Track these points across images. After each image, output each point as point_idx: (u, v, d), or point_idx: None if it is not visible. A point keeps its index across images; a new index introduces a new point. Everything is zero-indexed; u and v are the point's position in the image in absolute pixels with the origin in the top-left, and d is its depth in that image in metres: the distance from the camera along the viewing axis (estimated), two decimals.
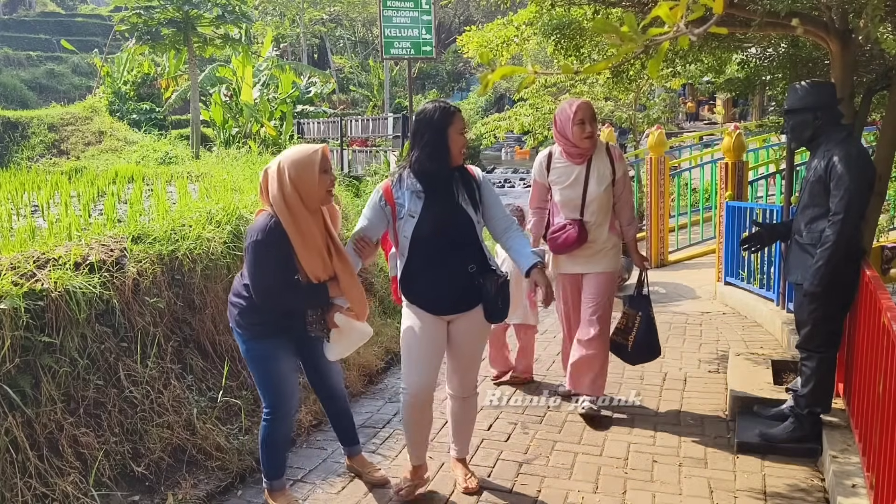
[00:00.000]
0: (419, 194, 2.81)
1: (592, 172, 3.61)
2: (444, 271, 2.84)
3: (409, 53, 9.22)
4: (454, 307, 2.90)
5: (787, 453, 3.30)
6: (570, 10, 4.30)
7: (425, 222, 2.79)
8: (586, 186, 3.61)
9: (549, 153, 3.74)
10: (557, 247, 3.69)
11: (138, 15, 12.60)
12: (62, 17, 34.65)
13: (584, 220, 3.63)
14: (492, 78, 1.09)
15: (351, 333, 2.89)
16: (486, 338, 3.08)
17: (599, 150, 3.65)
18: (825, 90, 3.19)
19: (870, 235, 3.75)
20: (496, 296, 2.86)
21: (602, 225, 3.66)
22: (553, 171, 3.71)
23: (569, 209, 3.67)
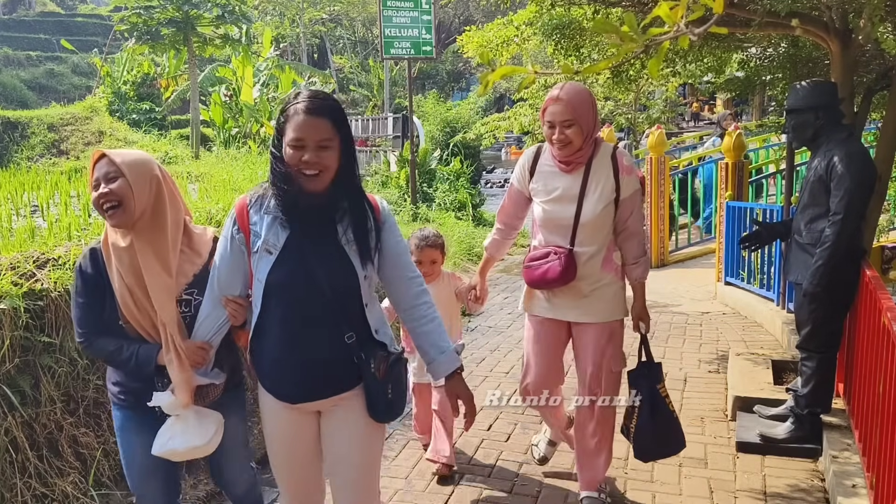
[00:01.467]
0: (283, 223, 1.91)
1: (590, 185, 2.65)
2: (308, 338, 1.92)
3: (409, 53, 9.21)
4: (313, 390, 1.96)
5: (788, 453, 3.30)
6: (570, 9, 4.30)
7: (286, 263, 1.89)
8: (581, 203, 2.65)
9: (538, 151, 2.80)
10: (534, 280, 2.74)
11: (138, 15, 12.59)
12: (62, 16, 34.64)
13: (575, 249, 2.68)
14: (492, 78, 1.09)
15: (186, 431, 2.03)
16: (374, 443, 2.06)
17: (603, 157, 2.68)
18: (826, 90, 3.19)
19: (870, 235, 3.75)
20: (384, 382, 1.96)
21: (595, 257, 2.70)
22: (537, 177, 2.76)
23: (554, 232, 2.72)
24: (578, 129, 2.58)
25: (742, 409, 3.68)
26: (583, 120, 2.58)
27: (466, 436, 3.63)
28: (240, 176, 6.44)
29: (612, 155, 2.68)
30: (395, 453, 3.52)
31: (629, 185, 2.68)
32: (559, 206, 2.69)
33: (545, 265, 2.69)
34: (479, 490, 3.12)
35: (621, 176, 2.66)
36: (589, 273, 2.70)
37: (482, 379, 4.40)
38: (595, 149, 2.68)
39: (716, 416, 3.81)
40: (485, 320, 5.88)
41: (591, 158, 2.67)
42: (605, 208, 2.65)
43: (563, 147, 2.61)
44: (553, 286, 2.72)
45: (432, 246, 3.19)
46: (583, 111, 2.58)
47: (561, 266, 2.65)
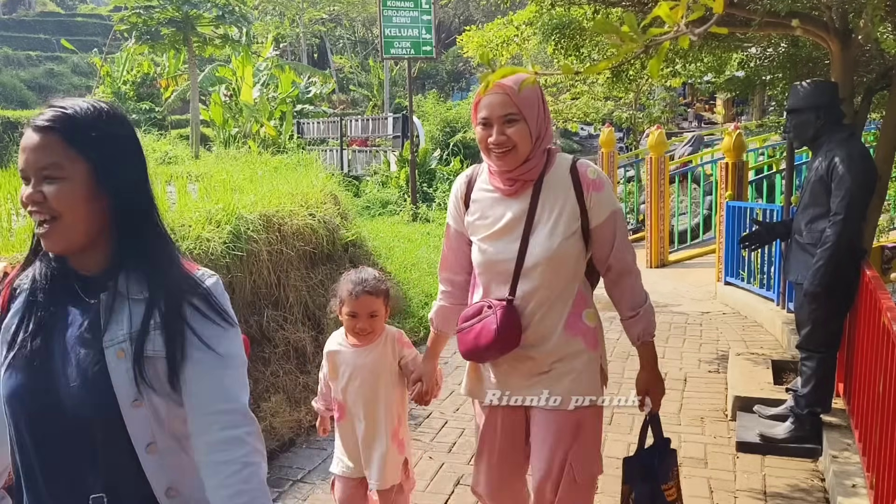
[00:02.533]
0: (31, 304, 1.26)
1: (541, 211, 1.93)
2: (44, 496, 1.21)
3: (409, 53, 9.21)
4: None
5: (788, 453, 3.30)
6: (570, 9, 4.30)
7: (16, 377, 1.20)
8: (526, 236, 1.92)
9: (473, 172, 2.08)
10: (467, 349, 2.01)
11: (138, 15, 12.59)
12: (62, 16, 34.62)
13: (517, 300, 1.94)
14: (492, 78, 1.09)
15: None
16: None
17: (558, 172, 1.95)
18: (827, 90, 3.20)
19: (870, 235, 3.75)
20: None
21: (552, 314, 1.96)
22: (474, 207, 2.02)
23: (492, 278, 1.99)
24: (524, 129, 1.86)
25: (742, 409, 3.68)
26: (531, 116, 1.87)
27: (466, 436, 3.63)
28: (240, 176, 6.43)
29: (571, 168, 1.94)
30: None
31: (602, 206, 1.92)
32: (500, 242, 1.94)
33: (477, 325, 1.94)
34: None
35: (587, 195, 1.91)
36: (544, 337, 1.96)
37: None
38: (548, 162, 1.94)
39: (716, 416, 3.81)
40: None
41: (543, 175, 1.92)
42: (564, 242, 1.90)
43: (503, 155, 1.87)
44: (491, 355, 1.97)
45: (371, 293, 2.34)
46: (531, 104, 1.87)
47: (496, 324, 1.89)
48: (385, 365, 2.41)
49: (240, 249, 3.95)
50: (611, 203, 1.96)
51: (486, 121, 1.89)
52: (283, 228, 4.42)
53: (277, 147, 13.40)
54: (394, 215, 9.32)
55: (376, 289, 2.37)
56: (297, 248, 4.52)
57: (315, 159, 8.47)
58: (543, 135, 1.94)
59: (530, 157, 1.91)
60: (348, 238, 5.24)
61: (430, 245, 7.47)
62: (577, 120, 11.37)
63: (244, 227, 4.05)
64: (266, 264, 4.17)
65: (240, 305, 3.97)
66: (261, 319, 4.08)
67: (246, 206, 4.36)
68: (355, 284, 2.36)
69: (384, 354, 2.41)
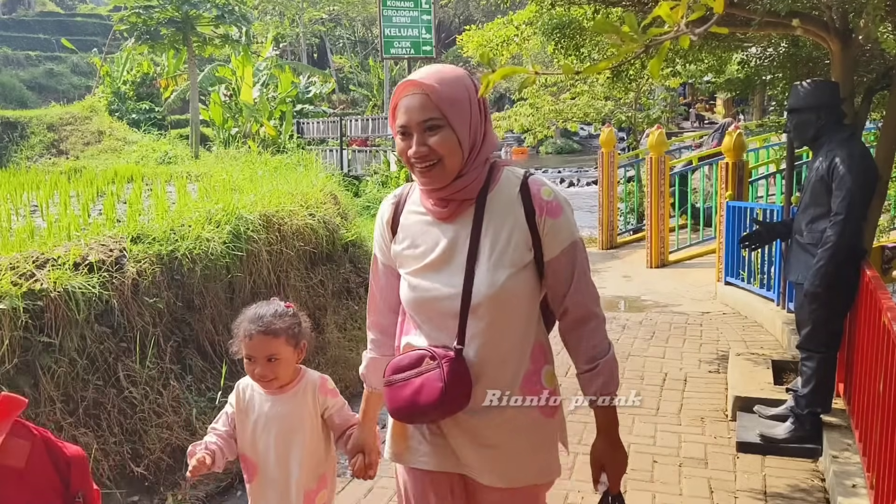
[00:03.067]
0: None
1: (486, 237, 1.57)
2: None
3: (408, 53, 9.22)
4: None
5: (788, 453, 3.30)
6: (570, 9, 4.30)
7: None
8: (471, 268, 1.55)
9: (402, 193, 1.71)
10: (400, 407, 1.61)
11: (137, 14, 12.60)
12: (61, 16, 34.61)
13: (465, 349, 1.57)
14: (492, 79, 1.09)
15: None
16: None
17: (505, 190, 1.59)
18: (828, 90, 3.20)
19: (870, 235, 3.74)
20: None
21: (507, 366, 1.61)
22: (402, 233, 1.66)
23: (432, 322, 1.61)
24: (451, 138, 1.51)
25: (742, 409, 3.67)
26: (458, 121, 1.52)
27: None
28: (239, 176, 6.43)
29: (521, 186, 1.58)
30: None
31: (558, 235, 1.56)
32: (434, 276, 1.57)
33: (417, 380, 1.56)
34: None
35: (540, 219, 1.55)
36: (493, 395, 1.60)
37: None
38: (492, 177, 1.59)
39: (716, 416, 3.81)
40: None
41: (486, 193, 1.57)
42: (513, 277, 1.54)
43: (427, 171, 1.52)
44: (431, 417, 1.59)
45: (268, 332, 1.94)
46: (458, 106, 1.52)
47: (443, 381, 1.53)
48: (303, 417, 2.01)
49: (239, 249, 3.95)
50: (569, 232, 1.58)
51: (405, 129, 1.54)
52: (282, 228, 4.42)
53: (277, 147, 13.40)
54: None
55: (273, 328, 1.95)
56: (297, 247, 4.52)
57: (315, 159, 8.48)
58: (480, 143, 1.57)
59: (464, 172, 1.55)
60: (348, 238, 5.24)
61: None
62: (577, 120, 11.37)
63: (244, 227, 4.05)
64: (266, 264, 4.17)
65: (239, 305, 3.97)
66: None
67: (246, 205, 4.36)
68: (250, 322, 1.98)
69: (302, 405, 2.02)
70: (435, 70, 1.57)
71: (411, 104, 1.53)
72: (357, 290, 5.13)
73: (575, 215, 1.64)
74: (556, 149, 26.84)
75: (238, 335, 2.00)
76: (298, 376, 2.06)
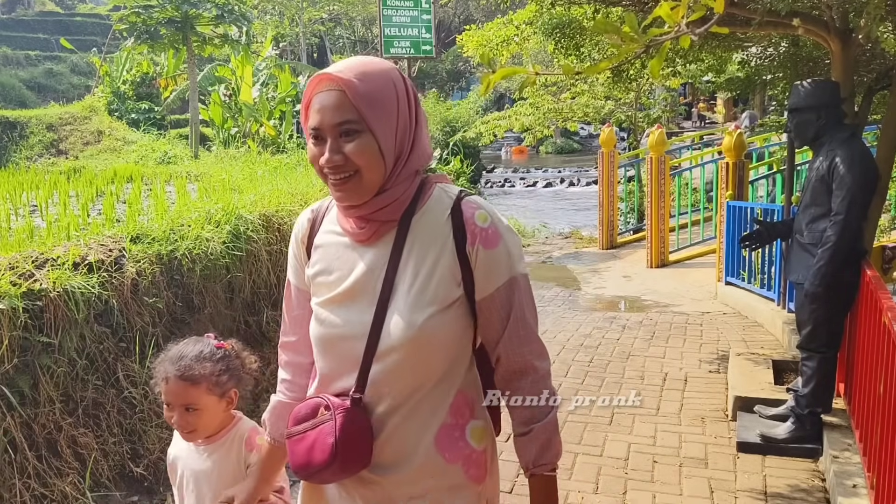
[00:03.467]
0: None
1: (404, 269, 1.32)
2: None
3: (408, 52, 9.22)
4: None
5: (788, 453, 3.30)
6: (570, 9, 4.30)
7: None
8: (384, 304, 1.31)
9: (320, 209, 1.47)
10: (296, 464, 1.38)
11: (137, 14, 12.59)
12: (61, 16, 34.61)
13: (367, 399, 1.33)
14: (493, 79, 1.09)
15: None
16: None
17: (433, 213, 1.34)
18: (829, 89, 3.19)
19: (871, 235, 3.74)
20: None
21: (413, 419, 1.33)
22: (317, 254, 1.41)
23: (334, 362, 1.37)
24: (370, 145, 1.26)
25: (742, 409, 3.67)
26: (382, 125, 1.26)
27: None
28: (239, 176, 6.43)
29: (452, 207, 1.32)
30: None
31: (494, 269, 1.30)
32: (346, 310, 1.33)
33: (311, 433, 1.33)
34: None
35: (471, 248, 1.30)
36: (402, 456, 1.33)
37: None
38: (421, 194, 1.33)
39: (716, 416, 3.80)
40: None
41: (412, 213, 1.32)
42: (436, 317, 1.28)
43: (342, 183, 1.28)
44: (329, 477, 1.34)
45: (186, 378, 1.68)
46: (382, 106, 1.27)
47: (335, 435, 1.29)
48: (227, 473, 1.74)
49: (239, 249, 3.94)
50: (507, 267, 1.31)
51: (317, 132, 1.28)
52: (282, 228, 4.42)
53: (277, 147, 13.40)
54: None
55: (192, 374, 1.67)
56: None
57: None
58: (408, 152, 1.31)
59: (387, 187, 1.29)
60: None
61: None
62: (577, 119, 11.37)
63: (244, 227, 4.04)
64: (266, 264, 4.17)
65: (239, 305, 3.97)
66: (260, 319, 4.08)
67: (245, 205, 4.35)
68: (170, 363, 1.70)
69: (225, 459, 1.75)
70: (356, 62, 1.31)
71: (325, 102, 1.26)
72: None
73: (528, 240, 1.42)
74: (556, 148, 26.86)
75: (156, 375, 1.73)
76: (230, 425, 1.78)
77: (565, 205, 16.29)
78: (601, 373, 4.44)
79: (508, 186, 19.92)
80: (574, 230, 10.82)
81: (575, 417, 3.84)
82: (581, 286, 6.89)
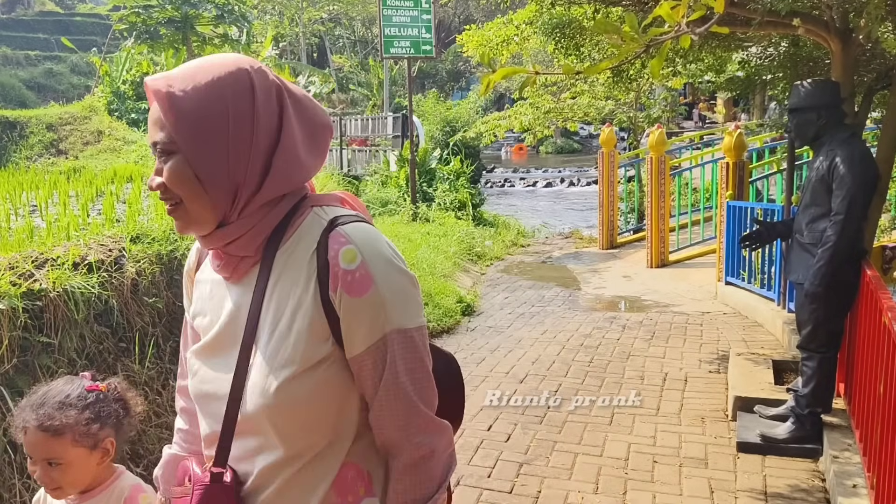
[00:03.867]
0: None
1: (265, 318, 1.06)
2: None
3: (408, 52, 9.21)
4: None
5: (788, 453, 3.30)
6: (570, 9, 4.29)
7: None
8: (246, 358, 1.06)
9: None
10: None
11: (137, 14, 12.61)
12: (61, 16, 34.60)
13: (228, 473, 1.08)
14: (493, 79, 1.09)
15: None
16: None
17: (301, 245, 1.07)
18: (829, 89, 3.19)
19: (871, 235, 3.74)
20: None
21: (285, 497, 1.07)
22: (196, 291, 1.20)
23: (204, 424, 1.14)
24: (183, 172, 1.03)
25: (742, 409, 3.67)
26: (197, 147, 1.03)
27: (466, 436, 3.63)
28: None
29: (319, 239, 1.06)
30: None
31: (360, 321, 1.04)
32: (214, 361, 1.13)
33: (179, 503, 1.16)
34: (479, 490, 3.11)
35: (333, 294, 1.03)
36: None
37: (482, 379, 4.40)
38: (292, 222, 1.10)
39: (716, 416, 3.80)
40: (485, 320, 5.87)
41: (276, 246, 1.08)
42: (297, 379, 1.03)
43: (171, 212, 1.08)
44: None
45: (47, 430, 1.45)
46: (201, 125, 1.02)
47: None
48: None
49: None
50: (380, 321, 1.03)
51: (155, 144, 1.08)
52: None
53: None
54: (393, 215, 9.32)
55: (53, 424, 1.42)
56: None
57: None
58: (255, 179, 1.04)
59: (230, 220, 1.06)
60: None
61: (430, 245, 7.47)
62: (577, 119, 11.37)
63: None
64: None
65: None
66: None
67: None
68: (30, 410, 1.47)
69: None
70: (188, 67, 1.06)
71: (150, 115, 1.07)
72: None
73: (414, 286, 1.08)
74: (556, 148, 26.87)
75: (15, 424, 1.48)
76: (108, 480, 1.54)
77: (565, 205, 16.30)
78: (601, 373, 4.44)
79: (508, 186, 19.94)
80: (574, 230, 10.82)
81: (575, 417, 3.84)
82: (581, 286, 6.89)
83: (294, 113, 1.08)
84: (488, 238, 9.14)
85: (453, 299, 6.03)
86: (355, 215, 1.12)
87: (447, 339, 5.42)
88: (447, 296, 6.04)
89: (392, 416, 1.06)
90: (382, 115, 16.79)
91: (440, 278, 6.50)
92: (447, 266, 7.01)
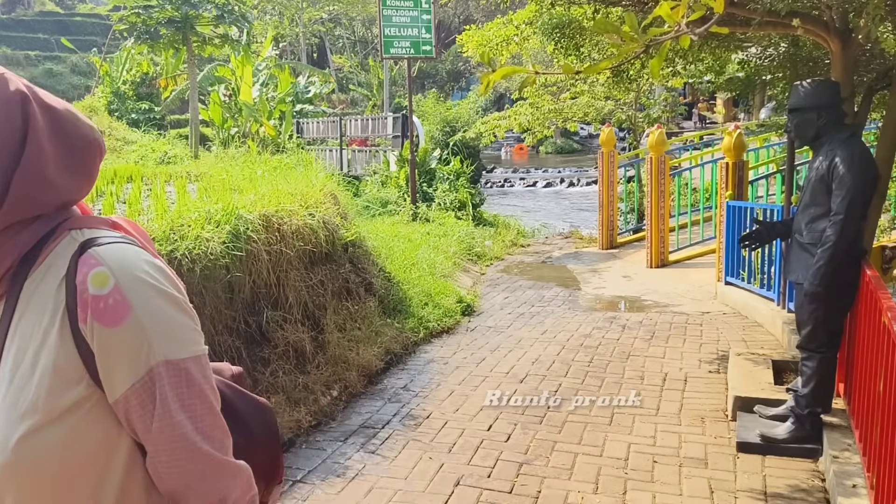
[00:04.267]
0: None
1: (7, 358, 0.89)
2: None
3: (408, 53, 9.21)
4: None
5: (788, 453, 3.30)
6: (570, 9, 4.30)
7: None
8: None
9: None
10: None
11: (137, 14, 12.60)
12: (61, 16, 34.61)
13: None
14: (493, 79, 1.09)
15: None
16: None
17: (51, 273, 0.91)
18: (829, 89, 3.20)
19: (870, 235, 3.74)
20: None
21: None
22: None
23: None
24: None
25: (742, 409, 3.67)
26: None
27: (466, 436, 3.63)
28: (239, 176, 6.43)
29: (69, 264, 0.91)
30: (395, 453, 3.51)
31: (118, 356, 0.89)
32: None
33: None
34: (479, 490, 3.11)
35: (84, 325, 0.88)
36: None
37: (482, 379, 4.40)
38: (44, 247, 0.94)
39: (716, 416, 3.80)
40: (485, 320, 5.87)
41: (24, 276, 0.93)
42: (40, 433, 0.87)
43: None
44: None
45: None
46: None
47: None
48: None
49: (239, 249, 3.94)
50: (144, 354, 0.90)
51: None
52: (282, 228, 4.41)
53: (277, 147, 13.40)
54: (393, 215, 9.32)
55: None
56: (297, 247, 4.52)
57: (314, 159, 8.48)
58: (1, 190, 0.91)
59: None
60: (348, 238, 5.24)
61: (430, 245, 7.47)
62: (577, 119, 11.38)
63: (243, 227, 4.04)
64: (265, 264, 4.17)
65: (239, 306, 3.97)
66: (260, 319, 4.08)
67: (245, 205, 4.35)
68: None
69: None
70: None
71: None
72: (357, 290, 5.13)
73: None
74: (556, 148, 26.88)
75: None
76: None
77: (565, 205, 16.30)
78: (601, 373, 4.44)
79: (508, 186, 19.95)
80: (574, 230, 10.83)
81: (575, 417, 3.84)
82: (581, 286, 6.89)
83: (46, 127, 0.93)
84: (488, 238, 9.14)
85: (453, 299, 6.03)
86: (119, 237, 0.96)
87: (447, 339, 5.42)
88: (447, 296, 6.04)
89: (171, 462, 0.91)
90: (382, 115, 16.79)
91: (440, 278, 6.50)
92: (447, 266, 7.01)
